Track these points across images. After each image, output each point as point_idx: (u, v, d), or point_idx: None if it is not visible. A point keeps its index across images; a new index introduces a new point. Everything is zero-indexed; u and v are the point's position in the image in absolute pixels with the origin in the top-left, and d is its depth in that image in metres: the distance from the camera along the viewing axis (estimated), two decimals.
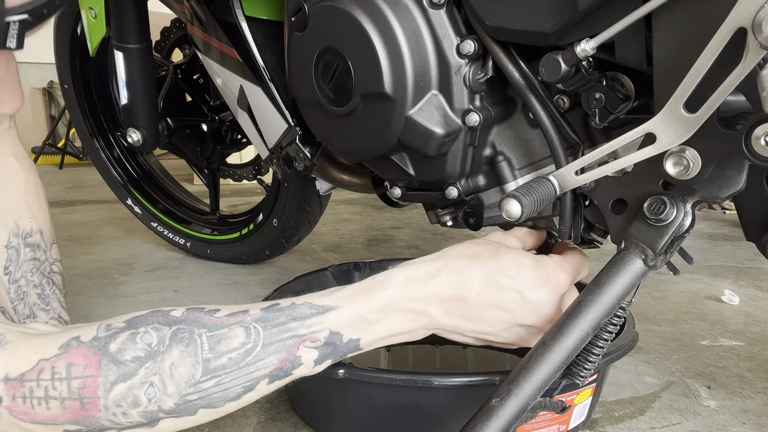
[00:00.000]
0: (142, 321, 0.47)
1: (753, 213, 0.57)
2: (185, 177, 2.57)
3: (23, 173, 0.76)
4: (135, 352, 0.45)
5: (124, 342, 0.45)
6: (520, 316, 0.56)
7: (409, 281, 0.54)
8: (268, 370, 0.49)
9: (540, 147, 0.67)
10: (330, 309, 0.51)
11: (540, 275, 0.57)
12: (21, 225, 0.73)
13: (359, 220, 2.00)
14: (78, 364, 0.44)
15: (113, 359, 0.45)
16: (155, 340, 0.46)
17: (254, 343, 0.48)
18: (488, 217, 0.71)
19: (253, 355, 0.48)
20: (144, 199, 1.49)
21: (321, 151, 0.89)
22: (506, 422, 0.52)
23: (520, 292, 0.56)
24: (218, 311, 0.50)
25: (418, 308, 0.54)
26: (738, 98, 0.49)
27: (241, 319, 0.49)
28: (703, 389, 0.84)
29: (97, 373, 0.44)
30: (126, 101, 1.17)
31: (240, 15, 0.85)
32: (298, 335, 0.50)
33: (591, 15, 0.54)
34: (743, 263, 1.48)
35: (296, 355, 0.50)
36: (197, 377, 0.47)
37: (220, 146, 1.37)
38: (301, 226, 1.29)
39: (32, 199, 0.75)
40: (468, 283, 0.54)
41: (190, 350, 0.46)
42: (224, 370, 0.48)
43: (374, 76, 0.67)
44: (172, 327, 0.47)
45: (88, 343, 0.45)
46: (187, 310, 0.49)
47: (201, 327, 0.48)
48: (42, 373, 0.44)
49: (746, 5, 0.44)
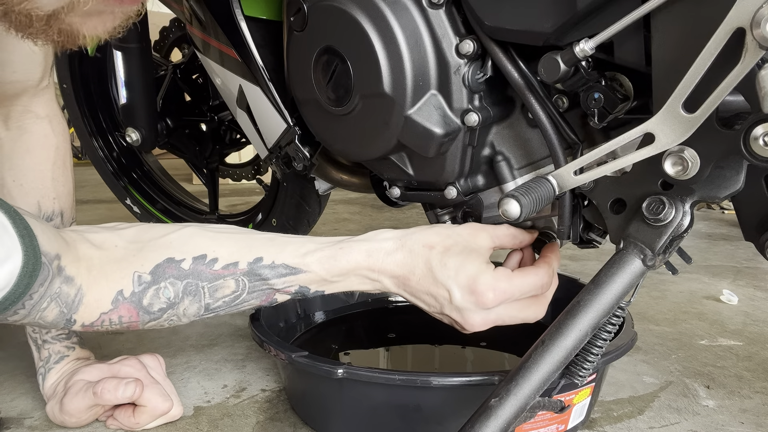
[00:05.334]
0: (161, 274, 0.60)
1: (751, 213, 0.57)
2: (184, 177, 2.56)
3: (54, 140, 0.76)
4: (160, 305, 0.61)
5: (152, 297, 0.60)
6: (447, 310, 0.62)
7: (369, 254, 0.63)
8: (251, 306, 0.65)
9: (539, 147, 0.67)
10: (300, 271, 0.63)
11: (469, 285, 0.60)
12: (43, 207, 0.74)
13: (358, 219, 2.00)
14: (125, 316, 0.60)
15: (146, 311, 0.61)
16: (172, 295, 0.61)
17: (241, 291, 0.62)
18: (487, 217, 0.71)
19: (240, 299, 0.63)
20: (143, 199, 1.49)
21: (320, 151, 0.89)
22: (505, 422, 0.52)
23: (449, 291, 0.61)
24: (216, 262, 0.62)
25: (373, 277, 0.63)
26: (737, 98, 0.49)
27: (233, 272, 0.62)
28: (702, 389, 0.84)
29: (137, 320, 0.61)
30: (125, 101, 1.16)
31: (239, 15, 0.85)
32: (275, 288, 0.63)
33: (590, 15, 0.54)
34: (742, 263, 1.48)
35: (273, 298, 0.65)
36: (201, 313, 0.63)
37: (219, 146, 1.37)
38: (300, 226, 1.29)
39: (59, 172, 0.77)
40: (413, 268, 0.62)
41: (196, 299, 0.62)
42: (219, 309, 0.63)
43: (373, 76, 0.67)
44: (183, 281, 0.61)
45: (129, 299, 0.60)
46: (193, 262, 0.61)
47: (204, 280, 0.61)
48: (104, 323, 0.60)
49: (745, 5, 0.44)
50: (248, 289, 0.63)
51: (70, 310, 0.58)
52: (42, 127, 0.75)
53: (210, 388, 0.85)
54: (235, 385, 0.86)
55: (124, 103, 1.17)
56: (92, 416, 0.74)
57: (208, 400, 0.81)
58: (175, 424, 0.75)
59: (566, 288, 0.83)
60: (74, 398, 0.72)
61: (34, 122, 0.75)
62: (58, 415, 0.73)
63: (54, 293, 0.56)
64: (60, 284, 0.57)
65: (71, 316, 0.59)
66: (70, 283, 0.58)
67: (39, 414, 0.78)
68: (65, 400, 0.72)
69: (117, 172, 1.49)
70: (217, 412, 0.78)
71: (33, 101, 0.75)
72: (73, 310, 0.59)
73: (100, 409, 0.74)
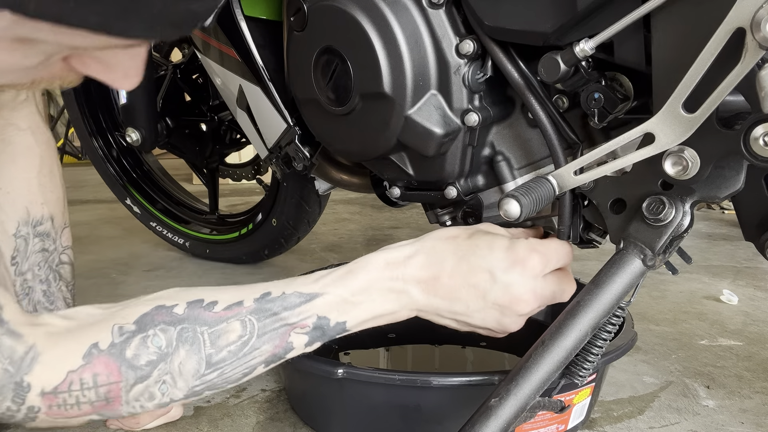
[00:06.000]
0: (149, 322, 0.52)
1: (752, 213, 0.57)
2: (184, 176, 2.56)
3: (38, 150, 0.75)
4: (148, 357, 0.51)
5: (137, 347, 0.51)
6: (492, 295, 0.57)
7: (388, 263, 0.57)
8: (264, 357, 0.55)
9: (539, 147, 0.67)
10: (316, 296, 0.55)
11: (510, 256, 0.57)
12: (32, 212, 0.73)
13: (358, 219, 2.00)
14: (101, 373, 0.50)
15: (130, 365, 0.51)
16: (164, 343, 0.51)
17: (250, 335, 0.53)
18: (487, 217, 0.71)
19: (249, 345, 0.53)
20: (143, 199, 1.49)
21: (320, 151, 0.89)
22: (505, 422, 0.52)
23: (491, 272, 0.57)
24: (216, 304, 0.54)
25: (397, 288, 0.57)
26: (737, 98, 0.49)
27: (237, 312, 0.53)
28: (702, 389, 0.84)
29: (119, 379, 0.51)
30: (125, 101, 1.16)
31: (239, 15, 0.85)
32: (289, 323, 0.55)
33: (590, 15, 0.54)
34: (742, 263, 1.48)
35: (288, 341, 0.55)
36: (202, 371, 0.53)
37: (219, 146, 1.37)
38: (300, 226, 1.29)
39: (46, 180, 0.75)
40: (442, 263, 0.57)
41: (195, 348, 0.52)
42: (225, 362, 0.53)
43: (373, 76, 0.67)
44: (177, 327, 0.52)
45: (107, 351, 0.50)
46: (188, 307, 0.53)
47: (202, 325, 0.53)
48: (72, 385, 0.50)
49: (745, 5, 0.44)
50: (258, 331, 0.53)
51: (18, 369, 0.48)
52: (25, 138, 0.75)
53: None
54: (236, 385, 0.86)
55: (124, 103, 1.17)
56: None
57: (208, 400, 0.81)
58: (175, 424, 0.75)
59: None
60: None
61: (16, 134, 0.74)
62: None
63: None
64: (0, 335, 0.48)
65: (22, 378, 0.48)
66: (15, 338, 0.49)
67: None
68: None
69: (117, 172, 1.49)
70: (217, 412, 0.78)
71: (13, 115, 0.74)
72: (24, 370, 0.48)
73: None
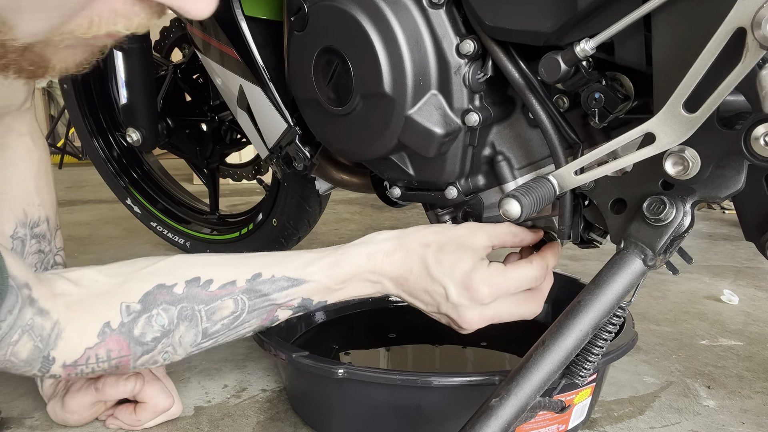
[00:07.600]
0: (152, 302, 0.58)
1: (752, 213, 0.57)
2: (185, 177, 2.56)
3: (37, 154, 0.78)
4: (153, 334, 0.58)
5: (143, 326, 0.58)
6: (444, 308, 0.62)
7: (369, 257, 0.63)
8: (252, 327, 0.63)
9: (539, 147, 0.67)
10: (303, 282, 0.62)
11: (465, 281, 0.60)
12: (29, 214, 0.76)
13: (359, 219, 2.00)
14: (114, 349, 0.58)
15: (138, 342, 0.58)
16: (166, 321, 0.58)
17: (241, 311, 0.61)
18: (488, 217, 0.71)
19: (240, 319, 0.61)
20: (143, 199, 1.49)
21: (320, 151, 0.89)
22: (505, 422, 0.52)
23: (446, 289, 0.61)
24: (211, 283, 0.60)
25: (374, 279, 0.63)
26: (737, 98, 0.49)
27: (230, 291, 0.60)
28: (703, 389, 0.84)
29: (128, 353, 0.59)
30: (125, 101, 1.16)
31: (239, 15, 0.85)
32: (276, 303, 0.62)
33: (590, 15, 0.54)
34: (742, 263, 1.48)
35: (274, 315, 0.63)
36: (198, 341, 0.61)
37: (219, 146, 1.37)
38: (300, 226, 1.29)
39: (43, 183, 0.78)
40: (411, 267, 0.62)
41: (193, 323, 0.60)
42: (218, 333, 0.61)
43: (374, 76, 0.67)
44: (177, 306, 0.58)
45: (118, 330, 0.57)
46: (187, 286, 0.59)
47: (199, 303, 0.59)
48: (89, 359, 0.57)
49: (745, 5, 0.44)
50: (248, 308, 0.61)
51: (46, 345, 0.54)
52: (24, 142, 0.78)
53: (210, 388, 0.85)
54: (236, 385, 0.85)
55: (124, 103, 1.17)
56: (94, 413, 0.74)
57: (208, 399, 0.81)
58: (176, 424, 0.75)
59: (566, 288, 0.83)
60: (76, 395, 0.72)
61: (17, 139, 0.78)
62: (60, 413, 0.73)
63: (26, 325, 0.53)
64: (33, 315, 0.53)
65: (48, 352, 0.55)
66: (44, 316, 0.54)
67: (39, 414, 0.78)
68: (67, 398, 0.72)
69: (117, 172, 1.49)
70: (217, 412, 0.78)
71: (15, 121, 0.78)
72: (51, 345, 0.55)
73: (102, 405, 0.74)
